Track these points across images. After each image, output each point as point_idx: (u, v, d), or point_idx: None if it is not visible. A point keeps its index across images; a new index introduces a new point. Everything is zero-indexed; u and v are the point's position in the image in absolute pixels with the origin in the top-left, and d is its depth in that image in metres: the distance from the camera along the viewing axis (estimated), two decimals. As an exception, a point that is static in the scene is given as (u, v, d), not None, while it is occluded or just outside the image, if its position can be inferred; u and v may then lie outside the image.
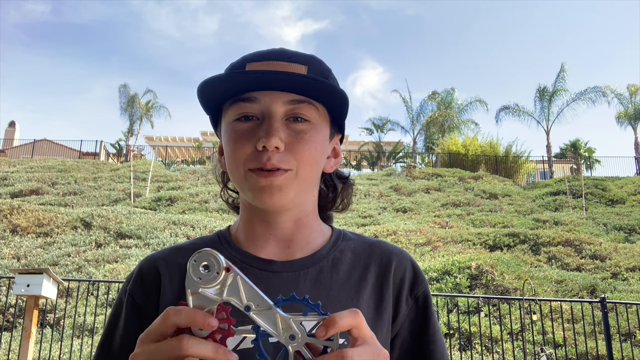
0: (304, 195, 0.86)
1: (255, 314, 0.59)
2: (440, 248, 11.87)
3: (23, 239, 11.20)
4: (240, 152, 0.81)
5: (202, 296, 0.58)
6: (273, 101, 0.81)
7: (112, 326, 0.89)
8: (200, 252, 0.59)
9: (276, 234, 0.88)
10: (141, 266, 0.91)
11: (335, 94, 0.82)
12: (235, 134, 0.83)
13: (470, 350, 7.17)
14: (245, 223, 0.90)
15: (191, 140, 35.49)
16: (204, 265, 0.58)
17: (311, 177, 0.85)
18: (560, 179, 22.84)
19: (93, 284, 8.07)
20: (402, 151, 32.57)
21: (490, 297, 7.80)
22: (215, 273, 0.58)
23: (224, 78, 0.81)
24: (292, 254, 0.88)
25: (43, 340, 7.09)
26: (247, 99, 0.82)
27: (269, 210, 0.85)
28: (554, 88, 29.47)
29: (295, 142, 0.81)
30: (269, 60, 0.84)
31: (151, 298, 0.87)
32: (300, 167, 0.81)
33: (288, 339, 0.58)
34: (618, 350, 6.82)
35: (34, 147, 29.68)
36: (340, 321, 0.57)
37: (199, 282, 0.58)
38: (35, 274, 5.36)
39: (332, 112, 0.88)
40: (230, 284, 0.59)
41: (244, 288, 0.59)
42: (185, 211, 15.54)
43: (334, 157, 0.94)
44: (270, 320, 0.59)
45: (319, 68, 0.86)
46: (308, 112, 0.83)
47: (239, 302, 0.59)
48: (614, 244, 12.08)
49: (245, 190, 0.84)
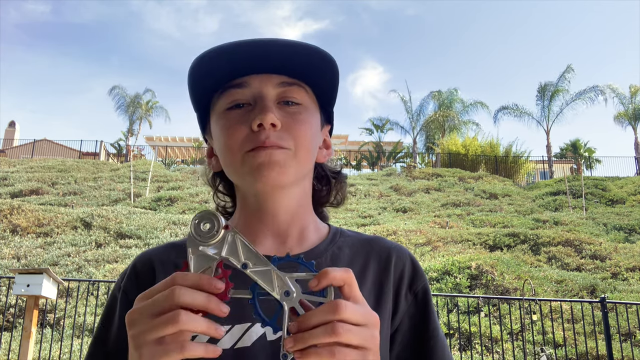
0: (300, 178, 0.86)
1: (252, 272, 0.61)
2: (440, 248, 11.87)
3: (23, 239, 11.20)
4: (235, 137, 0.80)
5: (202, 255, 0.61)
6: (264, 84, 0.81)
7: (106, 323, 0.89)
8: (201, 213, 0.62)
9: (272, 228, 0.87)
10: (135, 263, 0.91)
11: (326, 63, 0.82)
12: (229, 121, 0.82)
13: (470, 350, 7.17)
14: (241, 220, 0.90)
15: (191, 140, 35.49)
16: (205, 224, 0.61)
17: (307, 160, 0.85)
18: (560, 179, 22.83)
19: (93, 284, 8.07)
20: (402, 151, 32.57)
21: (490, 297, 7.80)
22: (214, 231, 0.60)
23: (219, 49, 0.79)
24: (289, 250, 0.86)
25: (43, 340, 7.09)
26: (238, 85, 0.82)
27: (268, 190, 0.84)
28: (556, 87, 29.45)
29: (291, 122, 0.81)
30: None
31: None
32: (297, 147, 0.81)
33: (283, 295, 0.60)
34: (618, 350, 6.82)
35: (34, 147, 29.68)
36: (332, 273, 0.59)
37: (199, 240, 0.61)
38: (35, 274, 5.36)
39: (321, 95, 0.88)
40: (229, 242, 0.61)
41: (242, 247, 0.61)
42: (185, 211, 15.54)
43: (325, 148, 0.93)
44: (267, 278, 0.60)
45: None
46: (299, 95, 0.83)
47: (237, 260, 0.61)
48: (614, 244, 12.08)
49: (244, 175, 0.82)
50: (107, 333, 0.88)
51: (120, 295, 0.89)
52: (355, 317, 0.58)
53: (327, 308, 0.57)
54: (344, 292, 0.60)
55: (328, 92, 0.88)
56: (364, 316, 0.59)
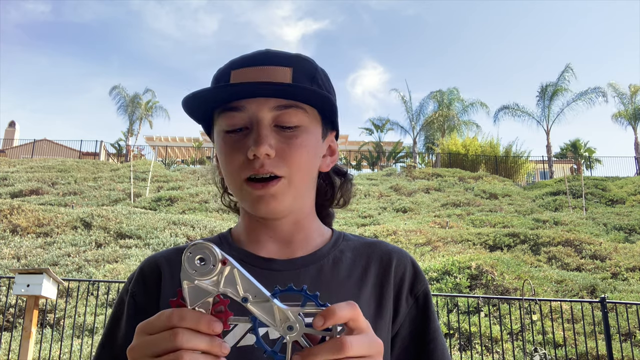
0: (300, 200, 0.87)
1: (252, 305, 0.58)
2: (440, 248, 11.87)
3: (23, 239, 11.20)
4: (233, 164, 0.83)
5: (197, 288, 0.58)
6: (259, 108, 0.82)
7: (113, 326, 0.89)
8: (195, 245, 0.58)
9: (276, 235, 0.89)
10: (143, 267, 0.92)
11: (319, 97, 0.83)
12: (226, 146, 0.84)
13: (470, 350, 7.17)
14: (246, 225, 0.92)
15: (191, 140, 35.50)
16: (200, 258, 0.57)
17: (305, 182, 0.86)
18: (560, 179, 22.84)
19: (93, 284, 8.07)
20: (402, 151, 32.57)
21: (490, 297, 7.80)
22: (211, 266, 0.57)
23: (207, 93, 0.82)
24: (293, 253, 0.88)
25: (43, 340, 7.09)
26: (235, 108, 0.82)
27: (270, 216, 0.86)
28: (556, 87, 29.45)
29: (286, 147, 0.81)
30: (253, 65, 0.84)
31: (153, 298, 0.87)
32: (292, 173, 0.82)
33: (286, 329, 0.57)
34: (618, 350, 6.82)
35: (34, 147, 29.68)
36: (339, 312, 0.57)
37: (194, 275, 0.57)
38: (35, 274, 5.36)
39: (322, 112, 0.88)
40: (226, 275, 0.58)
41: (241, 280, 0.58)
42: (185, 211, 15.54)
43: (330, 155, 0.93)
44: (268, 312, 0.58)
45: (305, 68, 0.86)
46: (296, 116, 0.83)
47: (236, 294, 0.58)
48: (614, 244, 12.07)
49: (243, 202, 0.86)
50: (114, 336, 0.88)
51: (127, 298, 0.90)
52: (361, 352, 0.57)
53: (333, 346, 0.56)
54: (349, 326, 0.59)
55: (327, 109, 0.88)
56: (369, 347, 0.59)
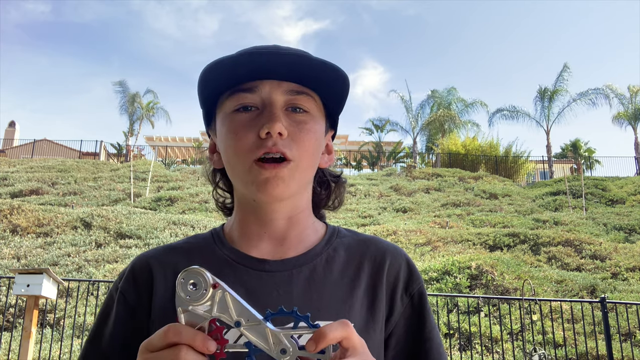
0: (301, 188, 0.87)
1: (245, 329, 0.59)
2: (440, 248, 11.87)
3: (23, 239, 11.20)
4: (242, 142, 0.81)
5: (192, 314, 0.60)
6: (273, 90, 0.82)
7: (102, 323, 0.89)
8: (187, 271, 0.60)
9: (270, 231, 0.88)
10: (134, 265, 0.91)
11: (338, 78, 0.83)
12: (236, 124, 0.82)
13: (470, 350, 7.17)
14: (240, 221, 0.90)
15: (191, 140, 35.51)
16: (192, 283, 0.59)
17: (310, 169, 0.86)
18: (560, 179, 22.84)
19: (93, 284, 8.07)
20: (402, 151, 32.57)
21: (490, 297, 7.80)
22: (203, 290, 0.59)
23: (231, 60, 0.80)
24: (285, 253, 0.87)
25: (43, 340, 7.09)
26: (247, 89, 0.82)
27: (269, 201, 0.85)
28: (555, 88, 29.44)
29: (297, 131, 0.82)
30: (267, 50, 0.83)
31: (143, 297, 0.86)
32: (301, 157, 0.82)
33: (279, 353, 0.58)
34: (618, 350, 6.82)
35: (34, 147, 29.68)
36: (330, 334, 0.57)
37: (188, 300, 0.59)
38: (35, 274, 5.36)
39: (329, 104, 0.89)
40: (219, 300, 0.60)
41: (233, 304, 0.60)
42: (185, 211, 15.54)
43: (327, 153, 0.94)
44: (261, 335, 0.59)
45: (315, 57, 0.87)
46: (307, 103, 0.84)
47: (229, 318, 0.59)
48: (614, 244, 12.07)
49: (247, 184, 0.83)
50: (102, 333, 0.88)
51: (117, 296, 0.89)
52: None
53: None
54: (343, 345, 0.59)
55: (336, 103, 0.89)
56: None
